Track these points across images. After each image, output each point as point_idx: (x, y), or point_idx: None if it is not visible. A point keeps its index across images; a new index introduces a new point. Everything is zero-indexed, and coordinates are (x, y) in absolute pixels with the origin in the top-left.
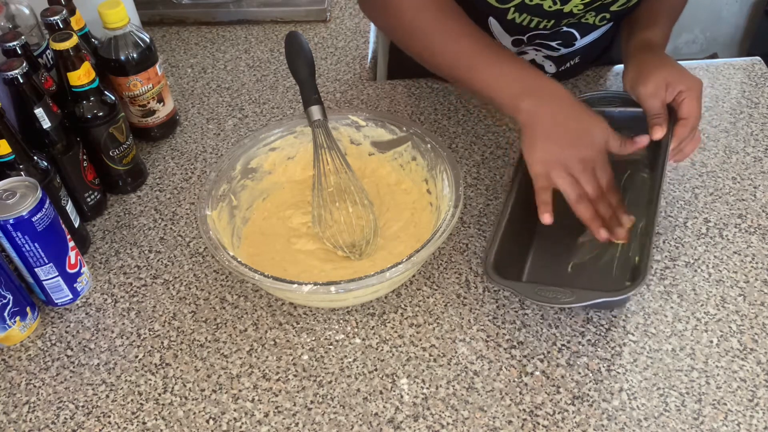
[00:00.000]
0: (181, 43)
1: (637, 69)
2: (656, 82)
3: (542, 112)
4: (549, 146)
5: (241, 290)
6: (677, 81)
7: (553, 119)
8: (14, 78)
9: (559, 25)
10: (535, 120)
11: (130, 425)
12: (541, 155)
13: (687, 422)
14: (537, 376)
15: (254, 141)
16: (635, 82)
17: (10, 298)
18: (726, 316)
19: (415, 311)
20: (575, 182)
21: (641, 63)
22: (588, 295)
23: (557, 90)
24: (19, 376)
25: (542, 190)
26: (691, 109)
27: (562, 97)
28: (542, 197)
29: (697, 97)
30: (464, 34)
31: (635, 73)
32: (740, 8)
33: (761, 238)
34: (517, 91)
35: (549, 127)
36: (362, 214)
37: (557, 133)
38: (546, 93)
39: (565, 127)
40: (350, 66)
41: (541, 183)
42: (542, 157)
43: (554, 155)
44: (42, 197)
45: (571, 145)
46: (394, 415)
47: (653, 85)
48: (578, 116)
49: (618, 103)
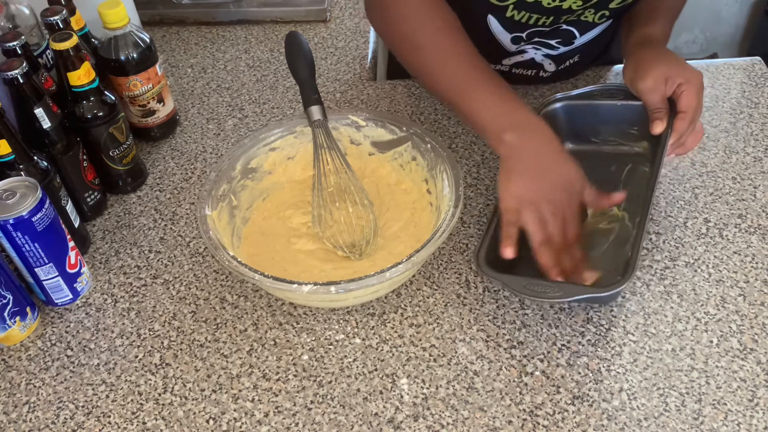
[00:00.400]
0: (181, 43)
1: (636, 64)
2: (655, 76)
3: (524, 148)
4: (525, 182)
5: (241, 290)
6: (676, 74)
7: (533, 156)
8: (14, 78)
9: (558, 23)
10: (515, 154)
11: (130, 425)
12: (515, 190)
13: (687, 422)
14: (537, 376)
15: (254, 141)
16: (634, 78)
17: (10, 298)
18: (726, 316)
19: (415, 311)
20: (543, 225)
21: (640, 58)
22: (575, 290)
23: (543, 129)
24: (19, 376)
25: (509, 224)
26: (690, 101)
27: (547, 138)
28: (508, 231)
29: (697, 90)
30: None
31: (634, 69)
32: (740, 8)
33: (761, 238)
34: (504, 124)
35: (528, 164)
36: (362, 214)
37: (535, 171)
38: (531, 130)
39: (544, 167)
40: (350, 66)
41: (509, 217)
42: (516, 192)
43: (529, 193)
44: (42, 197)
45: (547, 186)
46: (394, 415)
47: (652, 80)
48: (559, 159)
49: (621, 96)
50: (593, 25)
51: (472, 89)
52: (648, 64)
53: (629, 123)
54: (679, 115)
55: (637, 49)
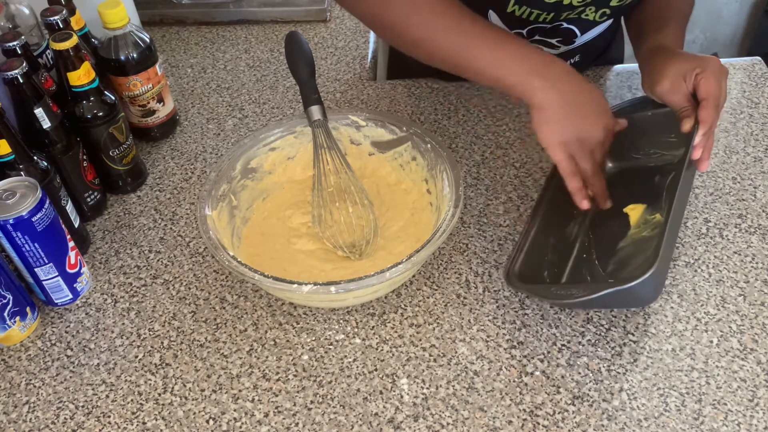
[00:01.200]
0: (181, 43)
1: (650, 71)
2: (671, 77)
3: (553, 91)
4: (565, 127)
5: (241, 290)
6: (691, 67)
7: (570, 96)
8: (14, 78)
9: (559, 19)
10: (547, 100)
11: (130, 425)
12: (560, 138)
13: (687, 422)
14: (537, 376)
15: (254, 141)
16: (652, 85)
17: (10, 298)
18: (726, 316)
19: (415, 311)
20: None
21: (653, 65)
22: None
23: (564, 68)
24: (19, 376)
25: (571, 176)
26: (709, 88)
27: (570, 74)
28: (574, 183)
29: (715, 76)
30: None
31: (650, 76)
32: (740, 8)
33: (761, 238)
34: (527, 70)
35: (562, 106)
36: (362, 214)
37: (571, 111)
38: (554, 72)
39: (577, 103)
40: (350, 66)
41: (567, 168)
42: (561, 139)
43: (573, 134)
44: (42, 197)
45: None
46: (394, 415)
47: (669, 81)
48: (587, 90)
49: (651, 106)
50: (594, 23)
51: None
52: (661, 67)
53: (665, 131)
54: (701, 104)
55: (649, 58)
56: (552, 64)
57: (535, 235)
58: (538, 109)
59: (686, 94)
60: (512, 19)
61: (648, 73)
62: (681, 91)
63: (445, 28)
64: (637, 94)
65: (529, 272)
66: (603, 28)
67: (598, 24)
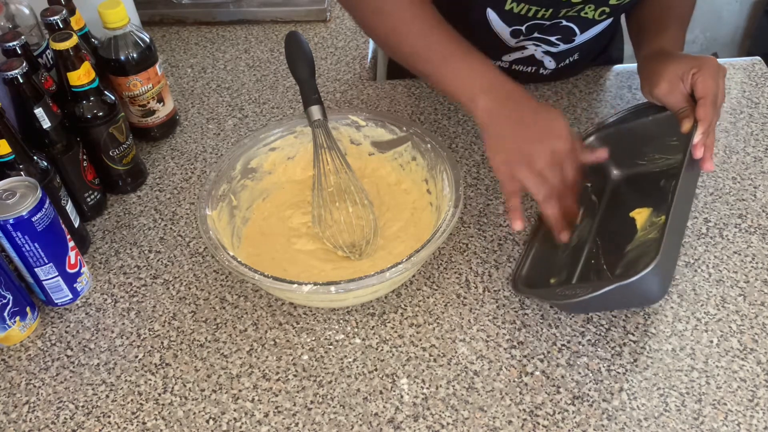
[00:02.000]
0: (181, 43)
1: (649, 75)
2: (668, 79)
3: (500, 109)
4: (510, 144)
5: (241, 290)
6: (688, 68)
7: (511, 115)
8: (14, 78)
9: (558, 16)
10: (492, 117)
11: (130, 425)
12: (502, 156)
13: (687, 422)
14: (537, 376)
15: (254, 141)
16: (651, 89)
17: (10, 298)
18: (726, 316)
19: (415, 311)
20: (543, 179)
21: (651, 69)
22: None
23: (513, 86)
24: (19, 376)
25: (511, 195)
26: (706, 86)
27: (519, 93)
28: (511, 203)
29: (712, 74)
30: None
31: (648, 80)
32: (740, 8)
33: (761, 238)
34: (475, 89)
35: (508, 124)
36: (362, 214)
37: (517, 130)
38: (502, 91)
39: (525, 122)
40: (350, 66)
41: (508, 187)
42: (504, 158)
43: (517, 153)
44: (42, 197)
45: (533, 139)
46: (394, 415)
47: (666, 83)
48: (537, 109)
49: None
50: (594, 22)
51: (446, 58)
52: (659, 69)
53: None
54: (698, 102)
55: (648, 62)
56: (502, 84)
57: (542, 242)
58: (483, 128)
59: (684, 95)
60: (511, 16)
61: (646, 77)
62: (679, 92)
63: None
64: (637, 95)
65: (536, 278)
66: (602, 27)
67: (597, 23)
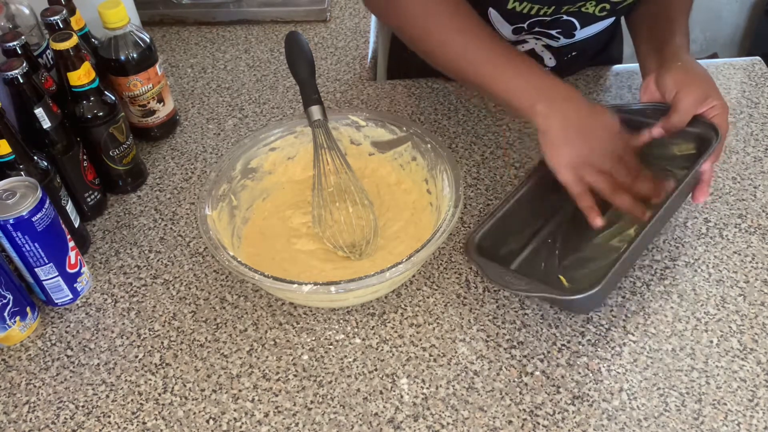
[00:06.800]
0: (181, 43)
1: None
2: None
3: (559, 115)
4: (572, 148)
5: (241, 290)
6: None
7: (570, 119)
8: (14, 78)
9: (559, 13)
10: (552, 123)
11: (130, 425)
12: (566, 159)
13: (687, 422)
14: (537, 376)
15: (254, 141)
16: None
17: (10, 298)
18: (726, 316)
19: (415, 311)
20: (607, 177)
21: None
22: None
23: (570, 91)
24: (19, 376)
25: (581, 195)
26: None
27: (576, 98)
28: (584, 202)
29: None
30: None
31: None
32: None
33: (761, 238)
34: (534, 96)
35: (568, 129)
36: (362, 214)
37: (577, 133)
38: (560, 95)
39: (584, 125)
40: (350, 66)
41: (576, 189)
42: (568, 161)
43: (580, 156)
44: (42, 197)
45: (594, 140)
46: (394, 415)
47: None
48: (593, 113)
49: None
50: (594, 18)
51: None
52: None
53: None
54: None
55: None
56: (556, 87)
57: (507, 213)
58: (543, 133)
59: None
60: (513, 14)
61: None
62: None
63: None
64: (636, 94)
65: (488, 246)
66: (602, 26)
67: (598, 19)
